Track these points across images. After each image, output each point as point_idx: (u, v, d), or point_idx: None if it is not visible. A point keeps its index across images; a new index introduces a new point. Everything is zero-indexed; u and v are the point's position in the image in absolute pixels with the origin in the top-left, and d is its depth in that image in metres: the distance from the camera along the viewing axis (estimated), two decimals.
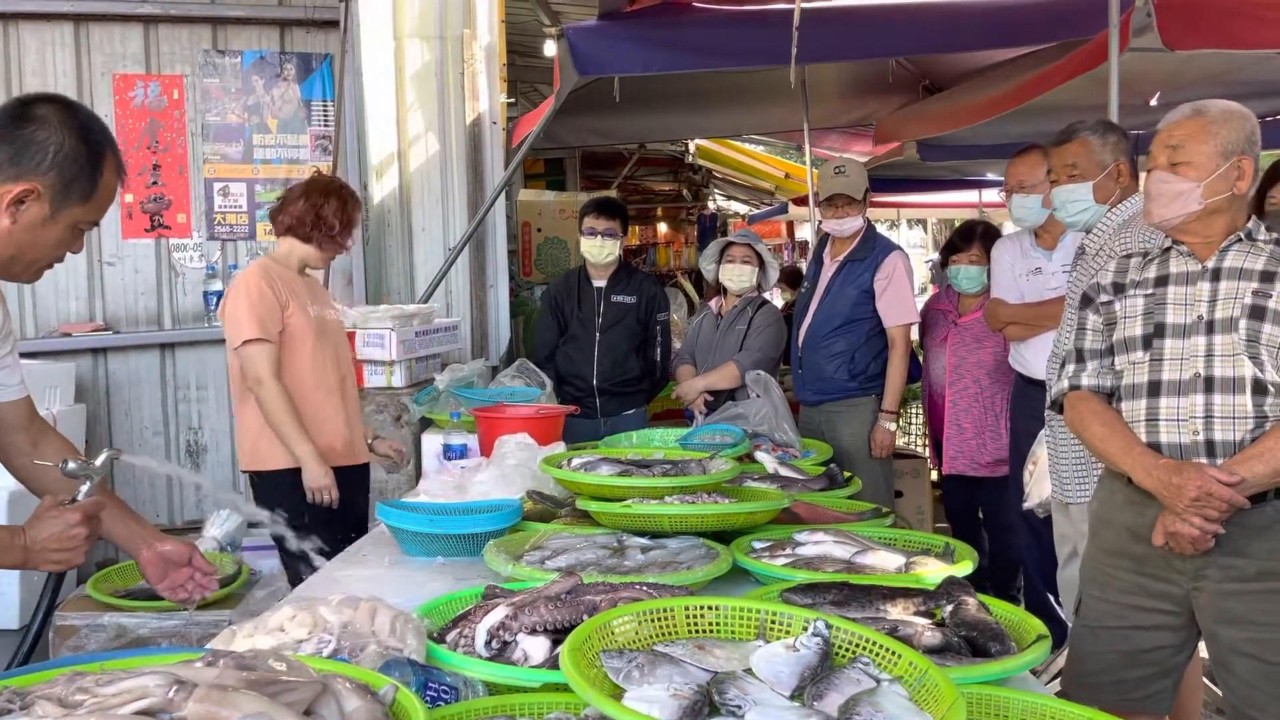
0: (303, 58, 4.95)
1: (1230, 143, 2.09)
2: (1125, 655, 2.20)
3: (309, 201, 3.21)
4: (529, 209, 6.72)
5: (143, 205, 4.86)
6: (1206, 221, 2.12)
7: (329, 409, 3.23)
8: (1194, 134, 2.12)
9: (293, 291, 3.18)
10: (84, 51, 4.78)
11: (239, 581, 3.82)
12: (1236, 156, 2.09)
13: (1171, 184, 2.13)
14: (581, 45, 4.00)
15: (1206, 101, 2.16)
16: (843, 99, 6.85)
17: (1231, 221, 2.13)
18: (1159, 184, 2.15)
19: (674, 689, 1.28)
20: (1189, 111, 2.15)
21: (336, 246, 3.28)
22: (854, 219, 4.00)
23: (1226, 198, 2.10)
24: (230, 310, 3.14)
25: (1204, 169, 2.10)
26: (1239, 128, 2.11)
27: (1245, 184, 2.09)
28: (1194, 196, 2.10)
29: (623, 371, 4.30)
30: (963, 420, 4.26)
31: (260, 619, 1.54)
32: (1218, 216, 2.12)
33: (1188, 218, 2.13)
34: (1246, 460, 1.99)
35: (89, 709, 1.08)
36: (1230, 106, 2.14)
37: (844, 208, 3.99)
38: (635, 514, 2.23)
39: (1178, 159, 2.13)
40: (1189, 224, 2.14)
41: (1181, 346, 2.09)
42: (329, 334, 3.29)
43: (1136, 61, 3.64)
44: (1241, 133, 2.10)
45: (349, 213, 3.25)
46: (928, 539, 2.30)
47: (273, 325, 3.10)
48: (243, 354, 3.09)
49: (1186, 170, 2.11)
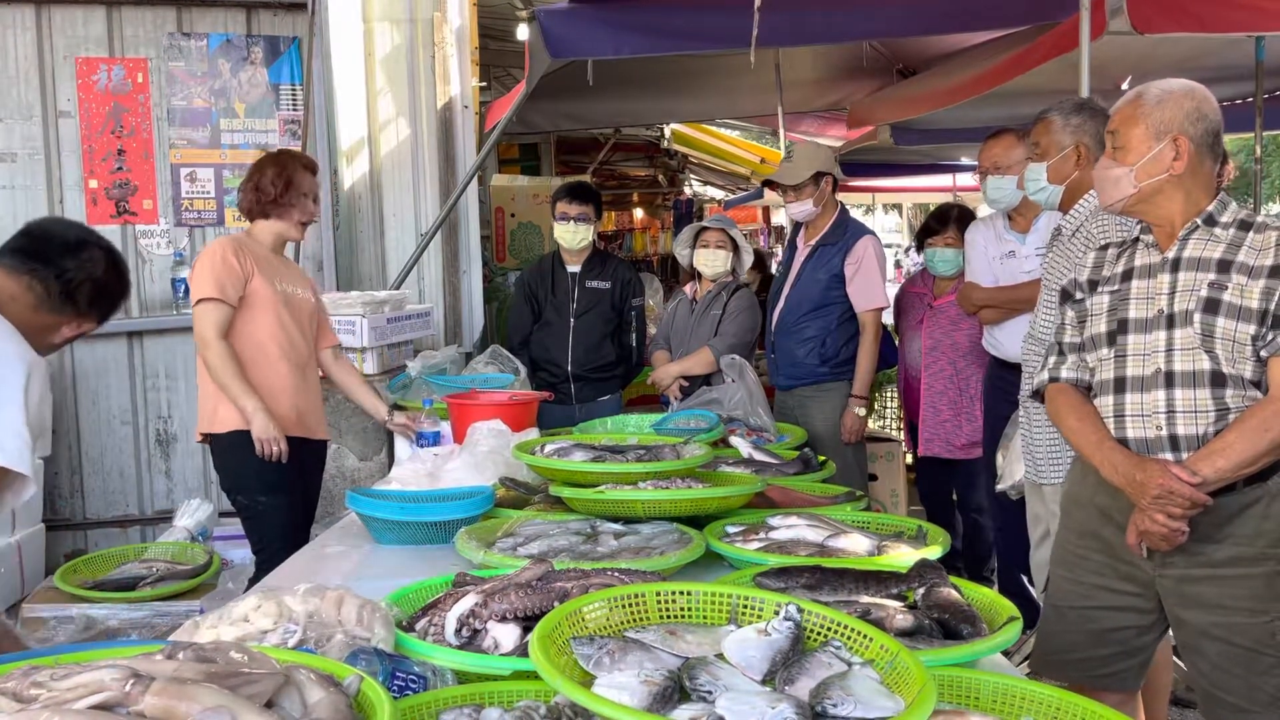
0: (270, 41, 4.88)
1: (1164, 123, 2.08)
2: (1091, 634, 2.22)
3: (249, 179, 3.28)
4: (502, 194, 6.66)
5: (107, 191, 4.78)
6: (1153, 203, 2.13)
7: (289, 380, 3.23)
8: (1127, 118, 2.13)
9: (260, 265, 3.19)
10: (45, 35, 4.69)
11: (210, 571, 3.78)
12: (1171, 136, 2.08)
13: (1110, 169, 2.16)
14: (553, 28, 3.96)
15: (1151, 83, 2.15)
16: (817, 83, 6.84)
17: (1191, 202, 2.11)
18: (1100, 170, 2.19)
19: (645, 675, 1.27)
20: (1130, 96, 2.15)
21: (291, 210, 3.26)
22: (801, 204, 3.97)
23: (1163, 179, 2.10)
24: (195, 272, 3.17)
25: (1136, 152, 2.11)
26: (1176, 107, 2.09)
27: (1182, 164, 2.07)
28: (1128, 180, 2.12)
29: (597, 357, 4.28)
30: (939, 403, 4.28)
31: (225, 609, 1.52)
32: (1164, 196, 2.11)
33: (1129, 201, 2.14)
34: (1209, 456, 1.99)
35: (44, 703, 1.06)
36: (1170, 86, 2.12)
37: (789, 193, 3.98)
38: (608, 499, 2.22)
39: (1115, 144, 2.15)
40: (1136, 206, 2.16)
41: (1144, 341, 2.10)
42: (296, 310, 3.28)
43: (1107, 46, 3.65)
44: (1179, 111, 2.08)
45: (289, 174, 3.24)
46: (900, 522, 2.30)
47: (232, 290, 3.11)
48: (195, 312, 3.11)
49: (1122, 155, 2.13)
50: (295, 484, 3.23)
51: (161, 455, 4.88)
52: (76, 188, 4.76)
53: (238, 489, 3.20)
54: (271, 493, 3.15)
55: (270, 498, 3.15)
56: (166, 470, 4.89)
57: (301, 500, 3.30)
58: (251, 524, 3.22)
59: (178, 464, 4.89)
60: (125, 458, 4.85)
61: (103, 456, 4.83)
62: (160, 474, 4.89)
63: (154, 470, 4.89)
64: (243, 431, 3.10)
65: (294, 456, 3.14)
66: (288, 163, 3.29)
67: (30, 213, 4.68)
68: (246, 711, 1.04)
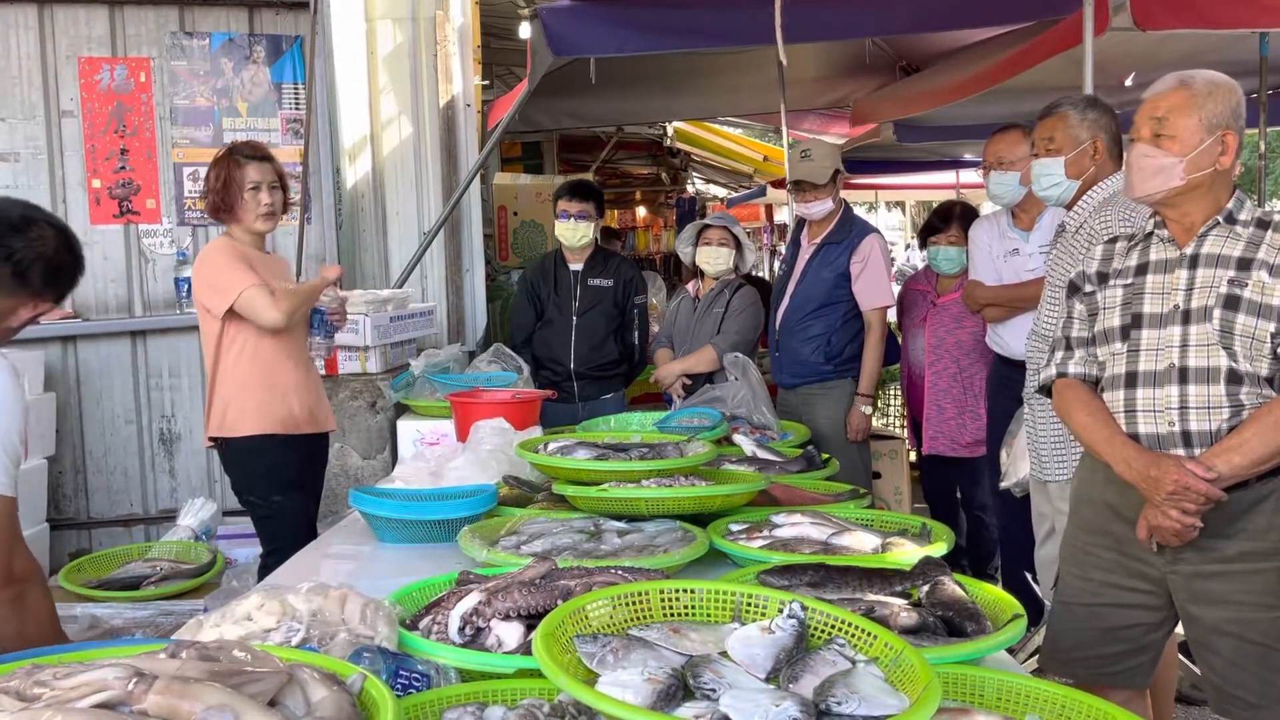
0: (272, 40, 4.87)
1: (1215, 116, 2.05)
2: (1100, 631, 2.21)
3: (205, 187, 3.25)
4: (505, 193, 6.66)
5: (110, 191, 4.78)
6: (1188, 197, 2.09)
7: (296, 376, 3.22)
8: (1178, 106, 2.06)
9: (253, 264, 3.17)
10: (49, 34, 4.68)
11: (214, 570, 3.78)
12: (1221, 131, 2.04)
13: (1154, 158, 2.09)
14: (556, 26, 3.95)
15: (1193, 72, 2.10)
16: (819, 81, 6.83)
17: (1214, 199, 2.09)
18: (1141, 158, 2.11)
19: (648, 673, 1.26)
20: (1174, 82, 2.10)
21: (238, 207, 3.17)
22: (822, 202, 3.97)
23: (1209, 173, 2.06)
24: (207, 276, 3.13)
25: (1187, 143, 2.05)
26: (1225, 100, 2.06)
27: (1229, 159, 2.06)
28: (1176, 172, 2.06)
29: (600, 355, 4.27)
30: (943, 401, 4.27)
31: (228, 608, 1.51)
32: (1199, 192, 2.08)
33: (1169, 193, 2.09)
34: (1225, 453, 1.98)
35: (47, 702, 1.06)
36: (1216, 78, 2.09)
37: (810, 192, 3.96)
38: (612, 498, 2.21)
39: (1162, 131, 2.08)
40: (1170, 199, 2.11)
41: (1158, 337, 2.07)
42: None
43: (1111, 42, 3.63)
44: (1227, 106, 2.06)
45: (227, 172, 3.17)
46: (905, 520, 2.30)
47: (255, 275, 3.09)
48: (242, 302, 3.06)
49: (1170, 144, 2.07)
50: (308, 481, 3.25)
51: (165, 454, 4.89)
52: (80, 187, 4.76)
53: (251, 490, 3.20)
54: (286, 491, 3.15)
55: (284, 496, 3.16)
56: (170, 469, 4.90)
57: (312, 496, 3.31)
58: (265, 524, 3.21)
59: (181, 463, 4.89)
60: (129, 457, 4.85)
61: (106, 456, 4.84)
62: (164, 473, 4.90)
63: (158, 469, 4.89)
64: (256, 437, 3.11)
65: (306, 452, 3.14)
66: (224, 161, 3.21)
67: None
68: (249, 710, 1.04)
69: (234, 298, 3.07)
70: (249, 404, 3.15)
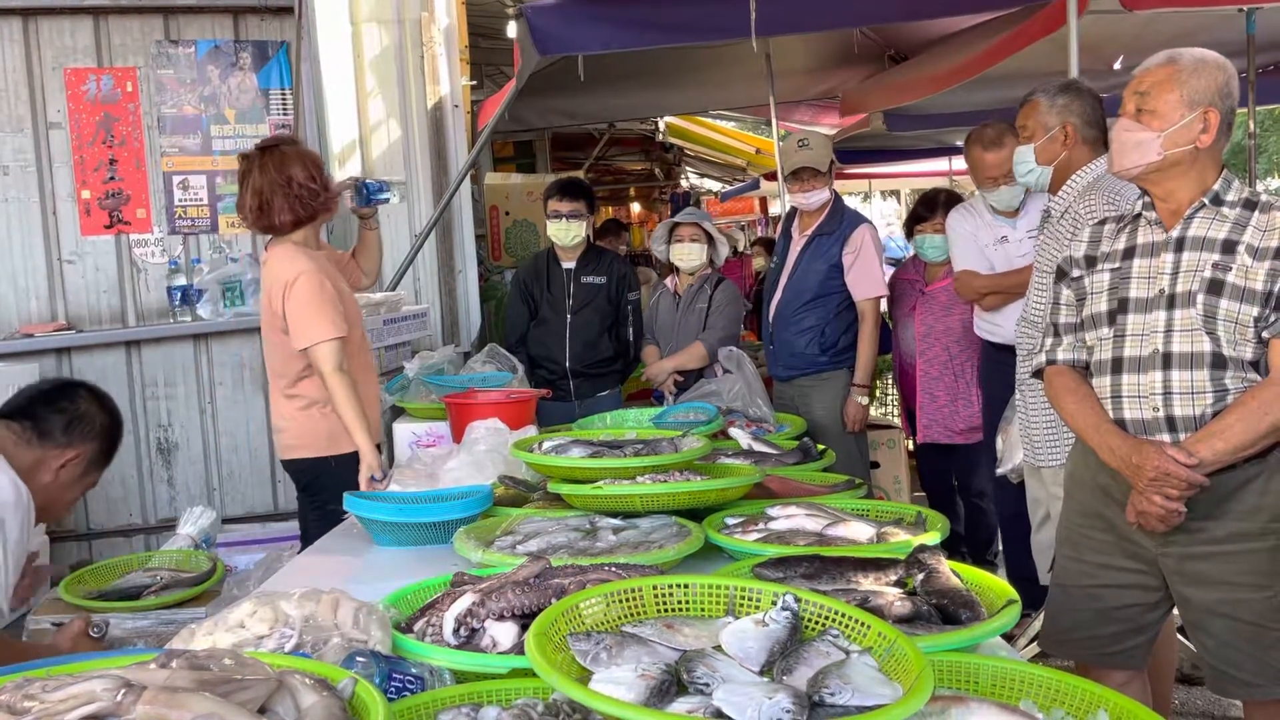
0: (258, 46, 4.86)
1: (1198, 93, 2.04)
2: (1097, 613, 2.22)
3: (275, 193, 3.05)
4: (496, 192, 6.65)
5: (100, 201, 4.77)
6: (1168, 174, 2.08)
7: (371, 388, 3.24)
8: (1161, 82, 2.06)
9: (323, 268, 3.07)
10: (34, 46, 4.67)
11: (214, 579, 3.78)
12: (1203, 108, 2.04)
13: (1133, 132, 2.09)
14: (541, 24, 3.94)
15: (1185, 49, 2.10)
16: (808, 72, 6.81)
17: (1199, 177, 2.08)
18: (1121, 132, 2.12)
19: (642, 669, 1.26)
20: (1163, 59, 2.10)
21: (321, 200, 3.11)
22: (820, 192, 3.97)
23: (1188, 150, 2.05)
24: (300, 310, 3.00)
25: (1167, 119, 2.05)
26: (1210, 77, 2.05)
27: (1209, 138, 2.04)
28: (1154, 147, 2.06)
29: (595, 353, 4.27)
30: (935, 389, 4.27)
31: (220, 616, 1.51)
32: (1180, 169, 2.07)
33: (1146, 168, 2.09)
34: (1207, 438, 1.98)
35: (36, 715, 1.06)
36: (1206, 55, 2.08)
37: (809, 181, 3.96)
38: (606, 495, 2.21)
39: (1143, 106, 2.08)
40: (1150, 175, 2.10)
41: (1143, 322, 2.07)
42: (357, 306, 3.26)
43: (1098, 25, 3.64)
44: (1213, 83, 2.05)
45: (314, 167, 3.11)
46: (900, 509, 2.30)
47: (340, 320, 3.02)
48: (315, 352, 2.99)
49: (1149, 119, 2.07)
50: None
51: (163, 463, 4.88)
52: (69, 199, 4.75)
53: (321, 500, 3.14)
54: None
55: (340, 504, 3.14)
56: (169, 478, 4.89)
57: None
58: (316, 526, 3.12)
59: (179, 472, 4.89)
60: (127, 467, 4.85)
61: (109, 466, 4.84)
62: (162, 482, 4.89)
63: (155, 479, 4.88)
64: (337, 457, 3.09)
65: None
66: (307, 157, 3.13)
67: (25, 226, 4.69)
68: (238, 718, 1.04)
69: (311, 344, 2.99)
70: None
